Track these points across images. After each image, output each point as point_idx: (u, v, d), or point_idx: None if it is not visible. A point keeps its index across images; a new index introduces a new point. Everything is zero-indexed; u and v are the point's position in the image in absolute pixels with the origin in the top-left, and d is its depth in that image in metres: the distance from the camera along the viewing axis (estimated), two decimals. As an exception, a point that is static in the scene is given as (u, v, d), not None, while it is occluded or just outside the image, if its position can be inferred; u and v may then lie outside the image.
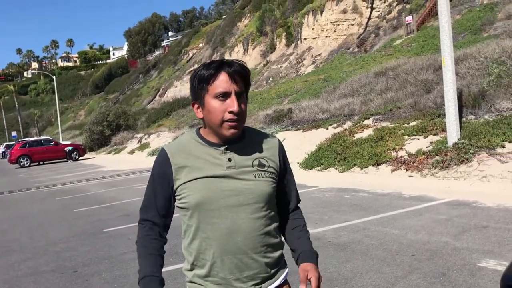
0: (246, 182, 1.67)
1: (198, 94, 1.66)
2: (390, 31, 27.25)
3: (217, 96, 1.61)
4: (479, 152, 8.56)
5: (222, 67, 1.62)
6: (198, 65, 46.47)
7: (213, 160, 1.67)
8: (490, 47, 14.03)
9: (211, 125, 1.67)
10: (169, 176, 1.69)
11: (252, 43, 43.75)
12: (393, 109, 12.90)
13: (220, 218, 1.64)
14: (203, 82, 1.63)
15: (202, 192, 1.64)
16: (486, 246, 4.75)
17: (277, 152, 1.79)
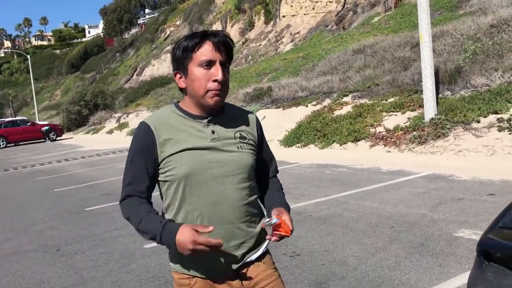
0: (230, 154, 1.70)
1: (181, 63, 1.66)
2: (368, 8, 27.28)
3: (202, 64, 1.62)
4: (455, 127, 8.76)
5: (207, 36, 1.63)
6: (176, 43, 45.76)
7: (196, 133, 1.69)
8: (466, 24, 14.21)
9: (194, 94, 1.67)
10: (153, 149, 1.67)
11: (231, 20, 43.30)
12: (371, 86, 13.03)
13: (207, 189, 1.66)
14: (188, 51, 1.63)
15: (189, 163, 1.65)
16: (462, 217, 4.93)
17: (255, 125, 1.84)
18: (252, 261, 1.76)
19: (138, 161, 1.70)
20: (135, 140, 1.72)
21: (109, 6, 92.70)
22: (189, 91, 1.68)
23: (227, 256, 1.70)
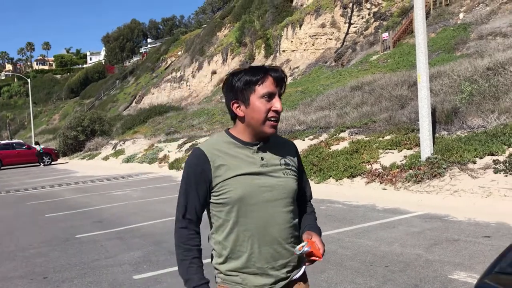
0: (278, 179, 1.86)
1: (241, 94, 1.81)
2: (367, 46, 27.74)
3: (264, 96, 1.79)
4: (451, 167, 8.76)
5: (268, 71, 1.82)
6: (177, 72, 45.71)
7: (247, 159, 1.83)
8: (463, 66, 14.43)
9: (252, 123, 1.82)
10: (208, 173, 1.80)
11: (231, 53, 43.91)
12: (368, 123, 13.10)
13: (259, 212, 1.81)
14: (251, 84, 1.79)
15: (243, 188, 1.79)
16: (457, 258, 4.86)
17: (295, 153, 2.02)
18: (295, 279, 1.94)
19: (192, 184, 1.83)
20: (191, 165, 1.84)
21: (112, 34, 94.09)
22: (248, 120, 1.82)
23: (276, 274, 1.86)
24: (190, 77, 49.80)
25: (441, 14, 24.52)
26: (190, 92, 48.36)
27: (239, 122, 1.87)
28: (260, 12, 42.49)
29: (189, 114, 31.84)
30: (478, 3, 23.91)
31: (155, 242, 6.66)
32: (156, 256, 5.92)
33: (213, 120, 26.78)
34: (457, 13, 24.14)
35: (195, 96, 46.35)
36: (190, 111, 32.96)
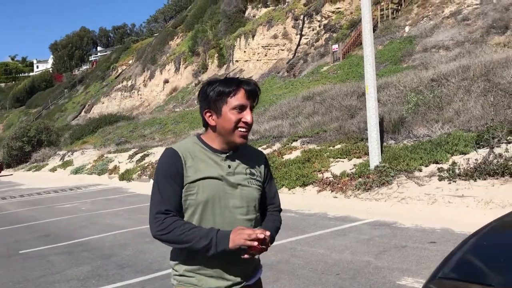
0: (242, 188, 1.91)
1: (214, 104, 1.87)
2: (318, 58, 28.33)
3: (235, 108, 1.85)
4: (398, 175, 9.05)
5: (241, 84, 1.88)
6: (128, 81, 44.74)
7: (215, 165, 1.89)
8: (409, 77, 15.01)
9: (223, 132, 1.89)
10: (181, 171, 1.84)
11: (184, 62, 43.65)
12: (319, 132, 13.35)
13: (221, 217, 1.86)
14: (223, 95, 1.85)
15: (208, 191, 1.84)
16: (405, 264, 5.01)
17: (263, 163, 2.06)
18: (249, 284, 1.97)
19: (168, 185, 1.83)
20: (165, 163, 1.87)
21: (60, 42, 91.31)
22: (219, 128, 1.89)
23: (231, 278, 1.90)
24: (141, 86, 49.04)
25: (388, 27, 25.43)
26: (142, 101, 47.60)
27: (210, 130, 1.93)
28: (213, 22, 42.54)
29: (140, 123, 31.33)
30: (423, 17, 24.98)
31: (104, 256, 6.47)
32: (105, 270, 5.76)
33: (165, 130, 26.47)
34: (403, 26, 25.12)
35: (146, 106, 45.66)
36: (142, 121, 32.45)
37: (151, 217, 1.83)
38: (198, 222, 1.85)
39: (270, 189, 2.11)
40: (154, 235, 1.83)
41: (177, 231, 1.78)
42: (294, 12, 33.65)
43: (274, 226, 2.06)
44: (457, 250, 2.55)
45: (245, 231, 1.76)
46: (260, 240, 1.76)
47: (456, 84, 12.91)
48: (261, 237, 1.75)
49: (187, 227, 1.79)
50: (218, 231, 1.79)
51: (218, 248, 1.77)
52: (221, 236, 1.77)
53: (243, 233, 1.75)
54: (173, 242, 1.82)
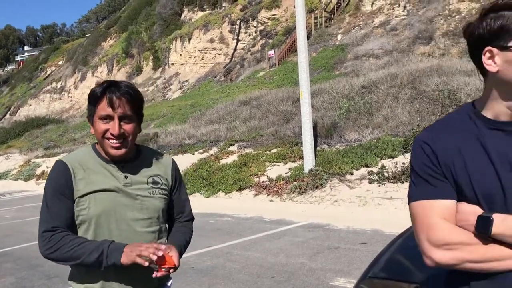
0: (142, 199, 1.76)
1: (89, 114, 1.75)
2: (254, 63, 28.63)
3: (101, 118, 1.68)
4: (331, 178, 9.32)
5: (106, 91, 1.67)
6: (57, 83, 42.93)
7: (110, 176, 1.74)
8: (341, 84, 15.53)
9: (99, 142, 1.75)
10: (71, 186, 1.68)
11: (117, 64, 42.52)
12: (256, 137, 13.47)
13: (118, 231, 1.71)
14: (92, 104, 1.71)
15: (102, 204, 1.69)
16: (338, 265, 5.16)
17: (170, 170, 1.91)
18: None
19: (56, 200, 1.68)
20: (52, 179, 1.72)
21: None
22: (97, 139, 1.75)
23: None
24: (72, 88, 47.19)
25: (321, 35, 26.17)
26: (72, 103, 45.79)
27: None
28: (147, 24, 41.79)
29: (70, 127, 30.12)
30: (354, 26, 25.96)
31: (30, 266, 6.14)
32: (31, 281, 5.46)
33: (97, 134, 25.63)
34: (336, 34, 25.97)
35: (77, 108, 43.97)
36: (72, 124, 31.22)
37: (39, 236, 1.68)
38: (93, 237, 1.70)
39: (179, 197, 1.96)
40: (43, 254, 1.68)
41: (65, 247, 1.63)
42: (231, 17, 33.81)
43: (183, 239, 1.92)
44: (385, 250, 2.66)
45: (139, 247, 1.61)
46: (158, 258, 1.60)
47: (385, 91, 13.51)
48: (154, 257, 1.58)
49: (76, 242, 1.64)
50: (111, 242, 1.65)
51: (109, 261, 1.62)
52: (113, 248, 1.63)
53: (137, 249, 1.61)
54: (63, 260, 1.66)
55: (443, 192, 1.18)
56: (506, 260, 1.08)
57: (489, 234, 1.08)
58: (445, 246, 1.14)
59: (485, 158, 1.14)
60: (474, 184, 1.14)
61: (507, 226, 1.07)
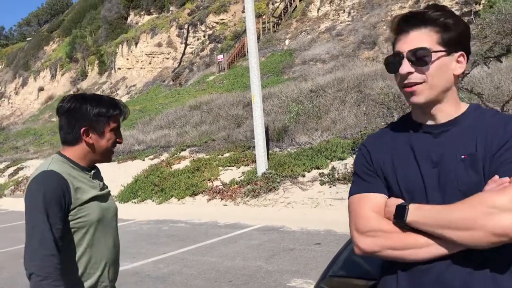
0: (110, 202, 1.95)
1: (95, 124, 1.82)
2: (203, 67, 28.55)
3: (113, 130, 1.88)
4: (284, 181, 9.47)
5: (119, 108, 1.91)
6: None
7: (90, 183, 1.85)
8: (290, 88, 15.79)
9: (100, 150, 1.87)
10: (68, 196, 1.70)
11: (61, 69, 41.11)
12: (208, 141, 13.44)
13: (109, 234, 1.89)
14: (105, 117, 1.84)
15: (98, 211, 1.82)
16: (294, 266, 5.26)
17: None
18: None
19: (52, 211, 1.64)
20: (49, 189, 1.66)
21: None
22: (97, 147, 1.85)
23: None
24: (12, 93, 45.15)
25: (269, 40, 26.48)
26: (13, 110, 43.81)
27: (82, 147, 1.84)
28: (92, 27, 40.70)
29: (12, 134, 28.83)
30: (301, 32, 26.46)
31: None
32: (22, 276, 5.21)
33: (41, 141, 24.66)
34: (284, 39, 26.37)
35: (19, 115, 42.12)
36: (14, 131, 29.90)
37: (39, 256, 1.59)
38: (90, 242, 1.77)
39: None
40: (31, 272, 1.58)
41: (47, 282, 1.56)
42: (178, 21, 33.56)
43: None
44: (343, 249, 2.76)
45: None
46: None
47: (332, 95, 13.88)
48: None
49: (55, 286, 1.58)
50: None
51: None
52: None
53: None
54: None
55: (374, 187, 1.30)
56: (421, 248, 1.17)
57: (405, 221, 1.18)
58: (369, 233, 1.23)
59: (411, 158, 1.26)
60: (399, 180, 1.26)
61: (420, 214, 1.17)
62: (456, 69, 1.23)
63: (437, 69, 1.22)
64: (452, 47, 1.22)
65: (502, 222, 1.09)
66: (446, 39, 1.22)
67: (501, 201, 1.10)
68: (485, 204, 1.11)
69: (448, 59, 1.23)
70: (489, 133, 1.18)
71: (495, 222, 1.09)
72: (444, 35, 1.22)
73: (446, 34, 1.22)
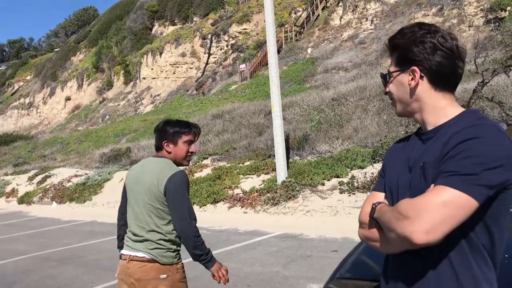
0: None
1: (172, 137, 2.67)
2: (226, 76, 28.90)
3: (186, 142, 2.69)
4: (303, 189, 9.57)
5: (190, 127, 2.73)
6: (26, 98, 41.99)
7: None
8: (311, 96, 15.90)
9: (176, 158, 2.69)
10: None
11: (88, 78, 42.15)
12: (229, 150, 13.64)
13: None
14: (180, 133, 2.68)
15: None
16: (310, 273, 5.36)
17: None
18: None
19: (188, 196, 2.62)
20: (186, 181, 2.58)
21: None
22: (174, 154, 2.68)
23: None
24: (41, 103, 46.44)
25: (292, 48, 26.67)
26: (41, 119, 45.03)
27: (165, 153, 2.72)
28: (118, 38, 41.65)
29: (40, 143, 29.65)
30: (323, 40, 26.57)
31: (6, 284, 6.12)
32: (7, 299, 5.46)
33: (67, 150, 25.32)
34: (306, 48, 26.52)
35: (46, 124, 43.26)
36: (41, 140, 30.73)
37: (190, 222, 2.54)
38: None
39: None
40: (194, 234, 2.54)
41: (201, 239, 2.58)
42: (202, 31, 34.08)
43: None
44: (352, 252, 2.88)
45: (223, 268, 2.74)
46: None
47: (354, 103, 13.93)
48: None
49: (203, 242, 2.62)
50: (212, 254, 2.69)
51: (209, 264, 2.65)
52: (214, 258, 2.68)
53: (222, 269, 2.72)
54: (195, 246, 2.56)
55: (379, 186, 1.49)
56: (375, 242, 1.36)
57: (372, 217, 1.36)
58: (361, 224, 1.43)
59: (399, 162, 1.42)
60: (386, 181, 1.45)
61: (380, 212, 1.33)
62: (411, 83, 1.35)
63: (395, 87, 1.40)
64: (404, 65, 1.36)
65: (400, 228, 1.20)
66: (398, 59, 1.38)
67: (401, 207, 1.23)
68: (397, 209, 1.24)
69: (401, 76, 1.38)
70: (449, 142, 1.25)
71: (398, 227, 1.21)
72: (397, 56, 1.38)
73: (398, 54, 1.38)
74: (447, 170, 1.20)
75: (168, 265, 2.59)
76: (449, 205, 1.16)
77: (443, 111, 1.35)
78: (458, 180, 1.17)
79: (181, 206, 2.53)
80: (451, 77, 1.34)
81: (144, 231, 2.58)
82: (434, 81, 1.34)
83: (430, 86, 1.34)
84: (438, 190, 1.18)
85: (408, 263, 1.31)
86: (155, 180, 2.54)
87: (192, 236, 2.52)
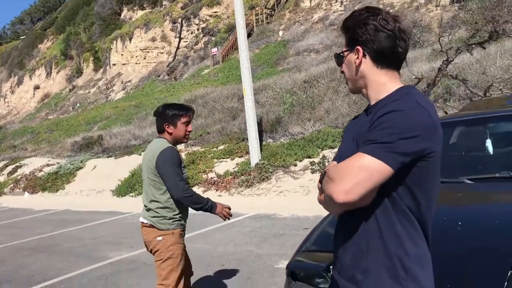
0: None
1: (171, 119, 3.10)
2: (198, 61, 28.69)
3: (184, 123, 3.14)
4: (276, 170, 9.70)
5: (187, 109, 3.18)
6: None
7: None
8: (284, 79, 15.97)
9: (177, 137, 3.15)
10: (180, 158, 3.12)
11: (56, 66, 41.19)
12: (203, 135, 13.66)
13: None
14: (179, 115, 3.12)
15: None
16: (282, 250, 5.50)
17: None
18: None
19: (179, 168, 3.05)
20: (176, 156, 3.04)
21: None
22: (174, 135, 3.14)
23: None
24: (8, 92, 45.24)
25: (263, 31, 26.61)
26: (10, 109, 43.93)
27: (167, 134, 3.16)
28: (86, 24, 40.73)
29: (9, 133, 28.98)
30: (294, 22, 26.59)
31: None
32: (-19, 289, 5.44)
33: (38, 139, 24.83)
34: (277, 31, 26.50)
35: (15, 114, 42.26)
36: (11, 130, 30.04)
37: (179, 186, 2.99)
38: None
39: None
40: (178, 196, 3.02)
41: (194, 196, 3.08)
42: (172, 15, 33.63)
43: None
44: (318, 226, 3.00)
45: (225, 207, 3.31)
46: None
47: (325, 85, 14.07)
48: None
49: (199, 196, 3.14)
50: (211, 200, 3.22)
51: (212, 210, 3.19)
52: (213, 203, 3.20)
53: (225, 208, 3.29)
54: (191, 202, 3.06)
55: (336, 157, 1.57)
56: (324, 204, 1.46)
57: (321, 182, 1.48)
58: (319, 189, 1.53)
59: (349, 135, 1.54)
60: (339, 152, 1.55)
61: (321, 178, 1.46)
62: (356, 61, 1.47)
63: (346, 65, 1.51)
64: (351, 45, 1.47)
65: (327, 190, 1.35)
66: (348, 40, 1.49)
67: (329, 172, 1.37)
68: (327, 173, 1.38)
69: (350, 56, 1.49)
70: (375, 115, 1.38)
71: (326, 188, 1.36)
72: (347, 37, 1.49)
73: (348, 36, 1.49)
74: (368, 139, 1.33)
75: (165, 230, 3.12)
76: (365, 169, 1.29)
77: (384, 87, 1.46)
78: (375, 148, 1.30)
79: (169, 175, 2.99)
80: (392, 56, 1.44)
81: (147, 201, 3.15)
82: (376, 59, 1.45)
83: (372, 64, 1.45)
84: (357, 156, 1.32)
85: (346, 223, 1.44)
86: (151, 157, 3.08)
87: (186, 197, 3.02)
